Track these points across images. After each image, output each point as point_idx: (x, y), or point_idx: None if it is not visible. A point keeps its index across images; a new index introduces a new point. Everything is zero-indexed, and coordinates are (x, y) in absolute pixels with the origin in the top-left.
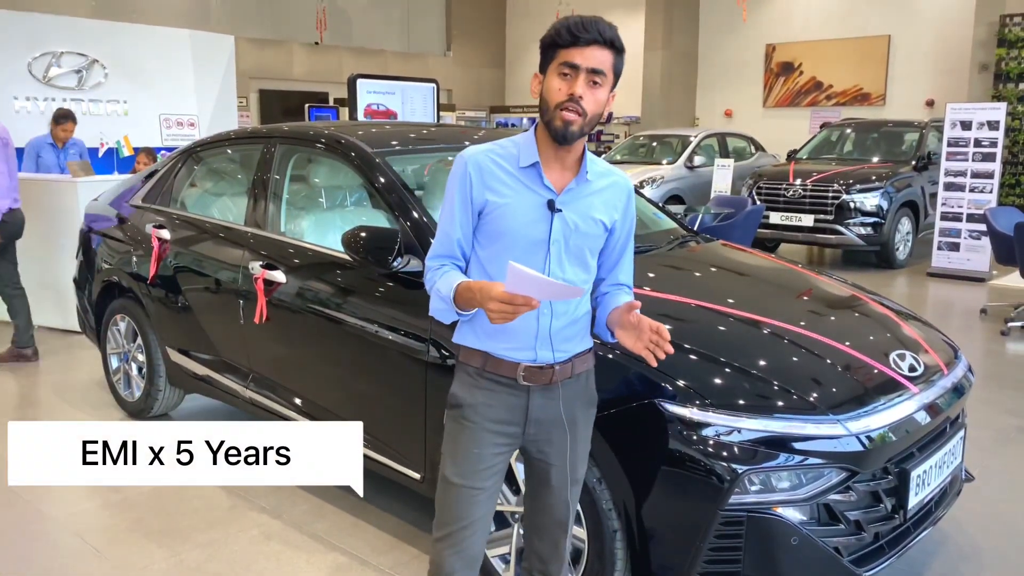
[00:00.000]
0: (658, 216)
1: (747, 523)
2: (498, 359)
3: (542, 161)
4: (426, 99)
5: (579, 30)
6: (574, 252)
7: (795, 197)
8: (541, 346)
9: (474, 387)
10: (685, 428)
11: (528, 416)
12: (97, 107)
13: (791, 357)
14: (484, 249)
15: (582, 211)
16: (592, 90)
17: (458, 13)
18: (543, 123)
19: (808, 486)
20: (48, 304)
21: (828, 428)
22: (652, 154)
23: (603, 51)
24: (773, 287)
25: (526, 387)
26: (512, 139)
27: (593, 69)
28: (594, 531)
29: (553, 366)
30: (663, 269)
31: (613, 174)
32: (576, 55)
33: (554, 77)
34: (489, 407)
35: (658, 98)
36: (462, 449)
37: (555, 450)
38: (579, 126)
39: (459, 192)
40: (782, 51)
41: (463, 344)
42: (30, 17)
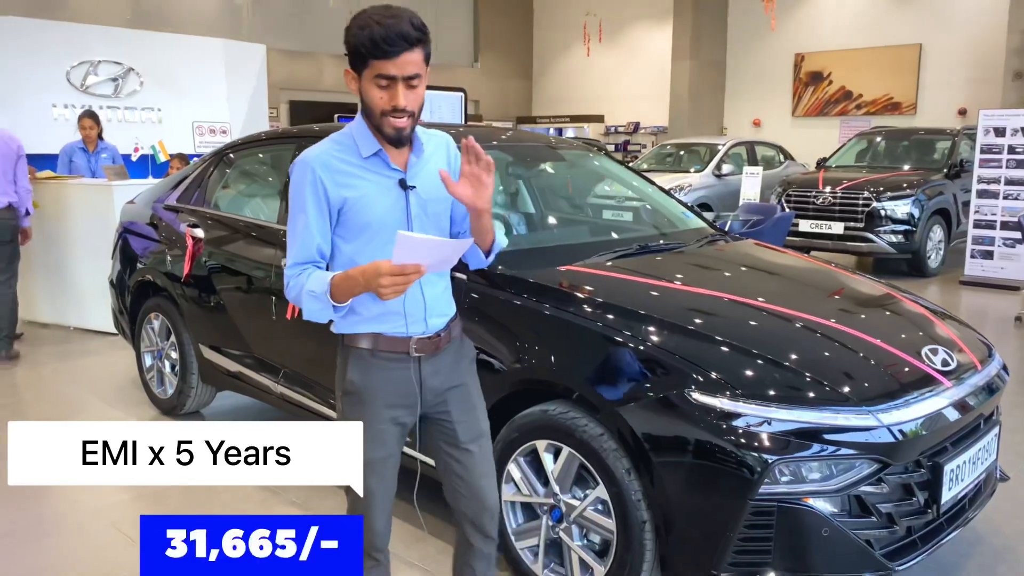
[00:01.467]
0: (687, 215)
1: (777, 514)
2: (390, 337)
3: (382, 145)
4: (454, 107)
5: (386, 44)
6: (433, 219)
7: (825, 205)
8: (430, 315)
9: (367, 369)
10: (715, 418)
11: (423, 385)
12: (132, 114)
13: (823, 350)
14: (349, 243)
15: (429, 179)
16: (412, 92)
17: (485, 24)
18: (372, 125)
19: (839, 477)
20: (84, 305)
21: (860, 419)
22: (680, 163)
23: (413, 53)
24: (805, 284)
25: (417, 358)
26: (344, 132)
27: (409, 76)
28: (623, 522)
29: (439, 334)
30: (693, 266)
31: (435, 136)
32: (390, 67)
33: (372, 87)
34: (385, 385)
35: (685, 108)
36: (366, 430)
37: (455, 409)
38: (409, 127)
39: (312, 197)
40: (811, 60)
41: (351, 332)
42: (69, 27)
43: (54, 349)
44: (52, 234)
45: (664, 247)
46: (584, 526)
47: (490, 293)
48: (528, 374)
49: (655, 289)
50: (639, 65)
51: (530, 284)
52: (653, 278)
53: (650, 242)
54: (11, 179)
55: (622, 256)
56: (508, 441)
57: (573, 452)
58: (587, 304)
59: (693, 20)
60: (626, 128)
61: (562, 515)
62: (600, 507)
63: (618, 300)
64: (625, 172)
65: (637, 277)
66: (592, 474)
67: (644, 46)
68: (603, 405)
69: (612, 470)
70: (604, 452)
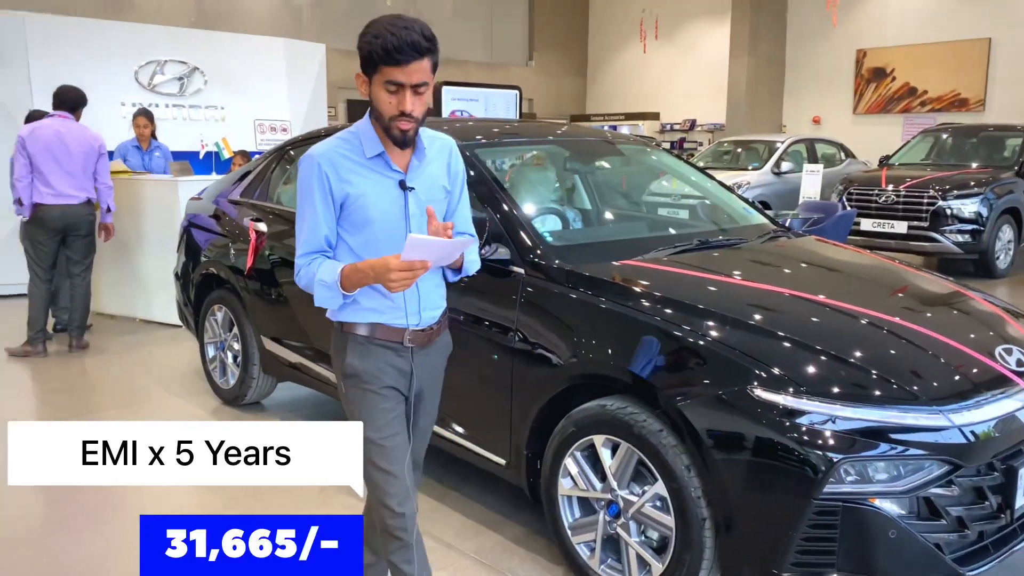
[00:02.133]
0: (748, 211)
1: (842, 514)
2: (386, 327)
3: (384, 146)
4: (509, 105)
5: (398, 53)
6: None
7: (888, 203)
8: (424, 308)
9: (364, 354)
10: (778, 415)
11: (412, 374)
12: (197, 112)
13: (890, 347)
14: (353, 237)
15: (428, 182)
16: (419, 98)
17: (540, 22)
18: (380, 127)
19: (907, 478)
20: (150, 297)
21: (930, 419)
22: (737, 160)
23: (422, 63)
24: (870, 280)
25: (410, 348)
26: (351, 131)
27: (417, 84)
28: (682, 519)
29: (431, 327)
30: (755, 261)
31: (438, 138)
32: (399, 74)
33: (381, 91)
34: (381, 369)
35: (743, 105)
36: (372, 410)
37: (426, 397)
38: (415, 130)
39: (319, 190)
40: (874, 56)
41: (351, 321)
42: (137, 27)
43: (121, 339)
44: (120, 228)
45: (724, 243)
46: (642, 522)
47: (547, 287)
48: (586, 368)
49: (715, 284)
50: (696, 62)
51: (588, 278)
52: (713, 273)
53: (710, 238)
54: (90, 175)
55: (681, 251)
56: (565, 436)
57: (631, 447)
58: (646, 298)
59: (752, 16)
60: (682, 125)
61: (619, 511)
62: (659, 503)
63: (677, 295)
64: (684, 167)
65: (697, 272)
66: (651, 470)
67: (701, 42)
68: (663, 401)
69: (671, 466)
70: (663, 448)
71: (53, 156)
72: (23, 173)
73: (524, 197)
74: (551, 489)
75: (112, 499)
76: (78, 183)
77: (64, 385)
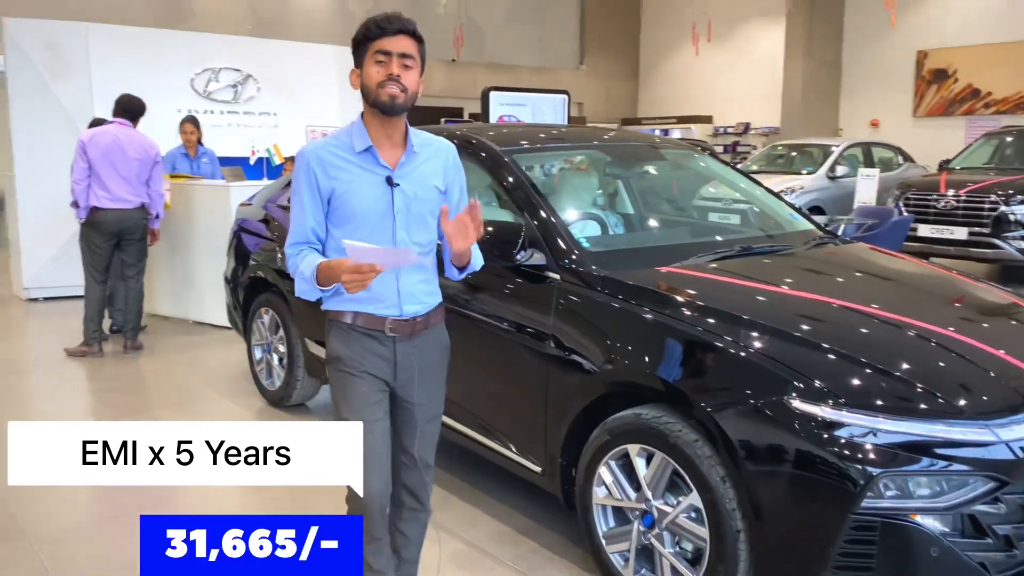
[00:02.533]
0: (794, 217)
1: (881, 530)
2: (368, 315)
3: (373, 142)
4: (557, 109)
5: (385, 23)
6: (416, 218)
7: (947, 208)
8: (404, 302)
9: (347, 340)
10: (815, 427)
11: (396, 363)
12: (250, 119)
13: (937, 360)
14: (339, 229)
15: (418, 180)
16: (406, 71)
17: (592, 26)
18: (369, 105)
19: (951, 494)
20: (203, 300)
21: (975, 434)
22: (791, 164)
23: (408, 39)
24: (920, 290)
25: (392, 338)
26: (344, 130)
27: (403, 53)
28: (716, 531)
29: (416, 319)
30: (798, 269)
31: (435, 142)
32: (387, 43)
33: (371, 65)
34: (362, 356)
35: (798, 108)
36: (350, 393)
37: (418, 391)
38: (403, 100)
39: (306, 185)
40: (935, 57)
41: (336, 309)
42: (193, 36)
43: (174, 341)
44: (174, 232)
45: (768, 249)
46: (676, 533)
47: (582, 293)
48: (621, 376)
49: (755, 292)
50: (750, 64)
51: (623, 284)
52: (754, 281)
53: (753, 244)
54: (144, 182)
55: (723, 258)
56: (600, 444)
57: (666, 457)
58: (683, 306)
59: (808, 17)
60: (735, 129)
61: (654, 521)
62: (693, 515)
63: (716, 302)
64: (730, 172)
65: (737, 280)
66: (685, 480)
67: (755, 45)
68: (698, 410)
69: (706, 477)
70: (698, 459)
71: (111, 161)
72: (81, 176)
73: (563, 202)
74: (585, 498)
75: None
76: (134, 188)
77: (117, 385)
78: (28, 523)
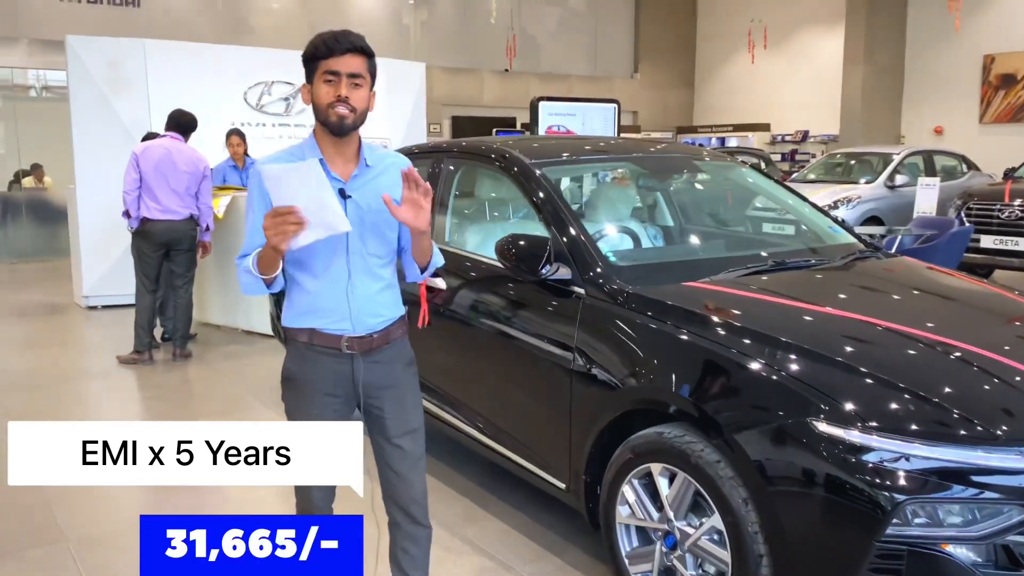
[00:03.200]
0: (835, 230)
1: (908, 558)
2: (324, 333)
3: (325, 158)
4: (607, 119)
5: (334, 43)
6: (371, 230)
7: (1012, 219)
8: (355, 317)
9: (303, 360)
10: (839, 450)
11: (355, 380)
12: (302, 131)
13: (971, 382)
14: None
15: (371, 193)
16: (355, 91)
17: (646, 34)
18: (320, 123)
19: (983, 523)
20: (251, 309)
21: (1011, 461)
22: (850, 173)
23: (357, 58)
24: (964, 308)
25: (350, 355)
26: (297, 145)
27: (352, 73)
28: (738, 554)
29: (372, 335)
30: (834, 285)
31: (389, 156)
32: (336, 63)
33: (321, 84)
34: (318, 376)
35: (858, 115)
36: (298, 414)
37: (388, 406)
38: (352, 120)
39: (258, 199)
40: (1002, 62)
41: (291, 326)
42: (247, 51)
43: (223, 350)
44: (226, 242)
45: (803, 264)
46: (698, 555)
47: (606, 308)
48: (642, 393)
49: (784, 309)
50: (808, 71)
51: (647, 299)
52: (784, 297)
53: (788, 258)
54: (194, 195)
55: (754, 272)
56: (623, 462)
57: (688, 477)
58: (704, 322)
59: (867, 22)
60: (793, 137)
61: (676, 542)
62: (715, 537)
63: (740, 319)
64: (768, 184)
65: (766, 296)
66: (708, 502)
67: (813, 51)
68: (719, 430)
69: (728, 499)
70: (720, 480)
71: (162, 174)
72: (132, 187)
73: (595, 216)
74: (609, 516)
75: None
76: (183, 200)
77: (165, 392)
78: (69, 526)
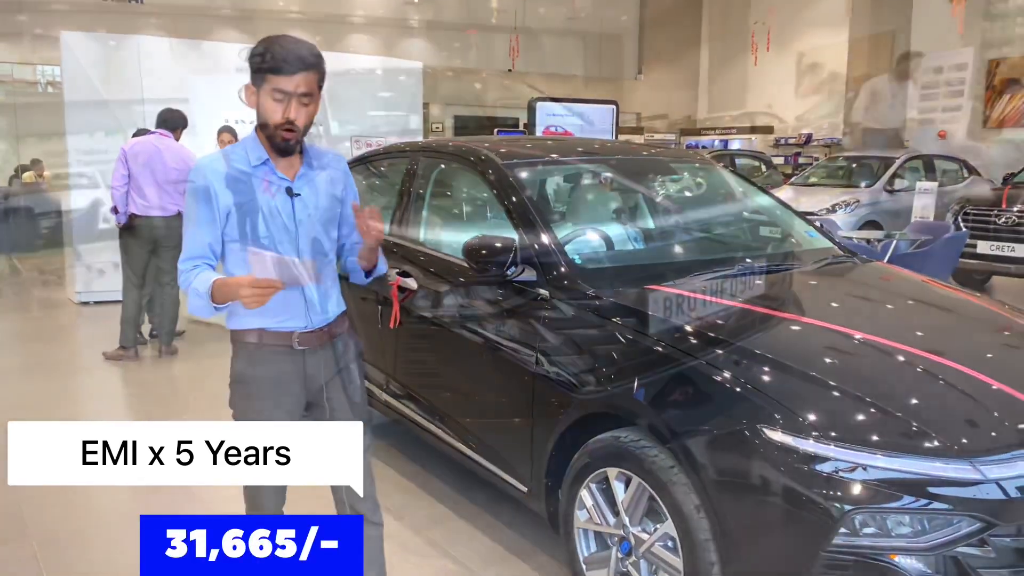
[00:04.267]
0: (811, 235)
1: (854, 568)
2: (273, 332)
3: (271, 158)
4: (605, 120)
5: (284, 63)
6: (320, 227)
7: (1008, 224)
8: (310, 312)
9: (253, 360)
10: (786, 458)
11: (305, 375)
12: None
13: (925, 391)
14: (240, 243)
15: (317, 190)
16: (303, 109)
17: (651, 36)
18: (264, 136)
19: (932, 534)
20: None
21: (960, 471)
22: (850, 177)
23: (308, 75)
24: (930, 316)
25: (301, 351)
26: (239, 144)
27: (302, 93)
28: (690, 562)
29: (322, 329)
30: (801, 290)
31: (328, 154)
32: (285, 83)
33: (268, 99)
34: (270, 376)
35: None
36: (254, 417)
37: (334, 396)
38: (296, 139)
39: (203, 200)
40: (1007, 66)
41: (238, 328)
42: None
43: (210, 347)
44: None
45: (772, 268)
46: (652, 562)
47: (567, 311)
48: (596, 396)
49: (747, 314)
50: (812, 74)
51: (610, 303)
52: (747, 302)
53: (760, 262)
54: (181, 192)
55: (723, 276)
56: (581, 467)
57: (643, 483)
58: (660, 325)
59: (872, 26)
60: (797, 140)
61: (631, 548)
62: (669, 544)
63: (698, 324)
64: (746, 187)
65: (728, 300)
66: (662, 507)
67: (817, 54)
68: (673, 435)
69: (680, 505)
70: (673, 485)
71: (150, 170)
72: (121, 183)
73: (566, 218)
74: (568, 521)
75: None
76: (170, 197)
77: (149, 390)
78: (34, 524)
